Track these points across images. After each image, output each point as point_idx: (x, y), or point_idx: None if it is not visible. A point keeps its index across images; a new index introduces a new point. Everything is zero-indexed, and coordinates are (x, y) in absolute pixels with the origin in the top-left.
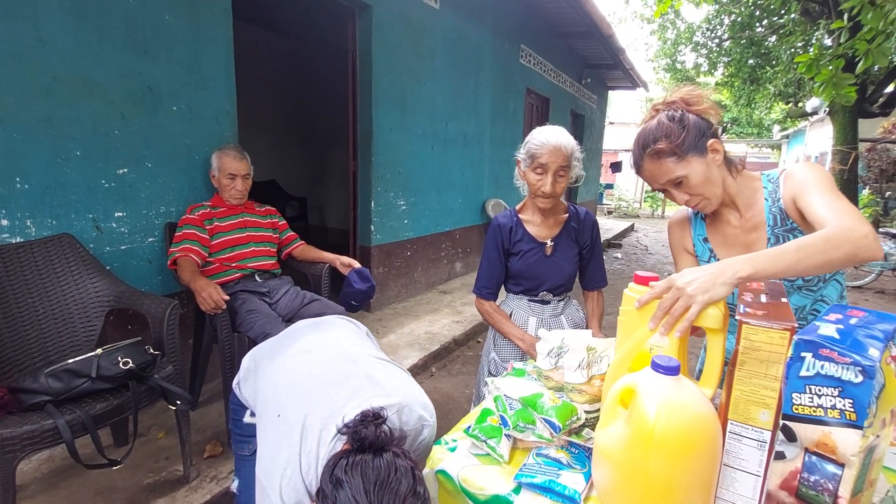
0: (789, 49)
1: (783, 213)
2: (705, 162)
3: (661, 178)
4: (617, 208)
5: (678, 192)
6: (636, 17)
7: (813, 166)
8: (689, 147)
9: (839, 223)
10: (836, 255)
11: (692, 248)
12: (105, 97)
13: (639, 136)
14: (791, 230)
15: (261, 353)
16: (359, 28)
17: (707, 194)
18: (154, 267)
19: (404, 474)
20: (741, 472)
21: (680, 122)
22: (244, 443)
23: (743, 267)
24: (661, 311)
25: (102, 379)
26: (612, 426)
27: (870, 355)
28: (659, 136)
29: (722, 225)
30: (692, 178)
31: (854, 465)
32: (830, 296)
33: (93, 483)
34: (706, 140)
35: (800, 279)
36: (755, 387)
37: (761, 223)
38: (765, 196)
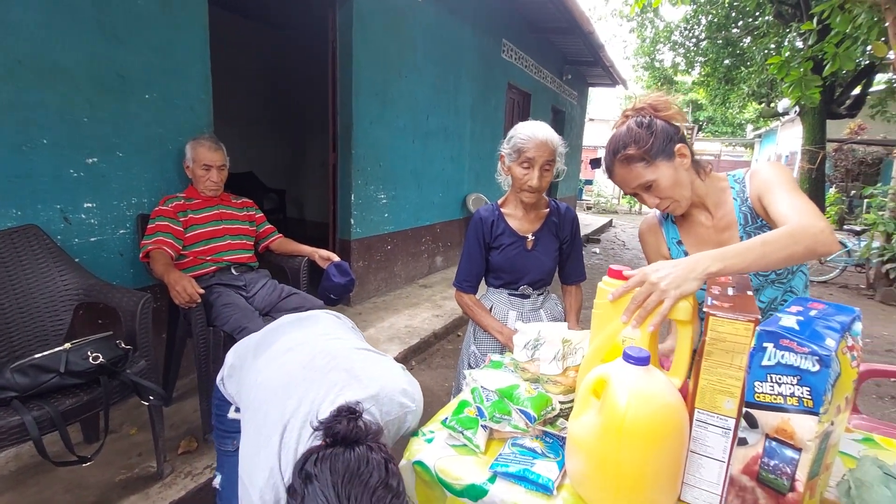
0: (763, 50)
1: (752, 212)
2: (673, 166)
3: (631, 182)
4: (596, 204)
5: (649, 195)
6: (615, 14)
7: (775, 165)
8: (657, 152)
9: (799, 220)
10: (798, 249)
11: (668, 253)
12: (73, 83)
13: (609, 143)
14: (761, 227)
15: (245, 350)
16: (339, 18)
17: (676, 197)
18: (125, 259)
19: (376, 467)
20: (707, 458)
21: (648, 128)
22: (228, 438)
23: (713, 262)
24: (634, 305)
25: (72, 374)
26: (584, 416)
27: (826, 345)
28: (628, 143)
29: (694, 226)
30: (661, 181)
31: (811, 449)
32: (797, 286)
33: (62, 480)
34: (674, 145)
35: (773, 273)
36: (721, 376)
37: (733, 222)
38: (733, 196)
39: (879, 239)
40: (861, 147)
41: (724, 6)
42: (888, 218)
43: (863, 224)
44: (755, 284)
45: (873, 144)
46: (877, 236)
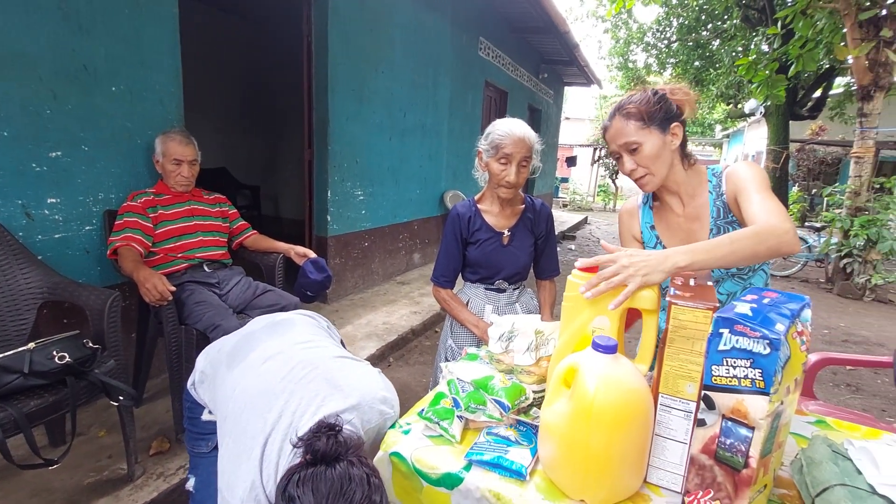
0: (731, 52)
1: (726, 207)
2: (663, 140)
3: (620, 137)
4: (571, 201)
5: (630, 158)
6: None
7: (752, 166)
8: (655, 119)
9: (767, 220)
10: (762, 248)
11: (640, 236)
12: (35, 74)
13: (620, 101)
14: (731, 223)
15: (217, 356)
16: (315, 12)
17: (653, 170)
18: (92, 257)
19: (359, 483)
20: (671, 440)
21: (659, 98)
22: (202, 440)
23: (682, 258)
24: (598, 279)
25: (36, 375)
26: (556, 403)
27: (776, 329)
28: (635, 101)
29: (667, 213)
30: (646, 148)
31: (762, 427)
32: (757, 284)
33: (28, 484)
34: (671, 122)
35: (734, 268)
36: (683, 362)
37: (704, 214)
38: (710, 189)
39: (837, 235)
40: (821, 147)
41: (694, 9)
42: (845, 215)
43: (822, 221)
44: (716, 276)
45: (832, 145)
46: (835, 233)
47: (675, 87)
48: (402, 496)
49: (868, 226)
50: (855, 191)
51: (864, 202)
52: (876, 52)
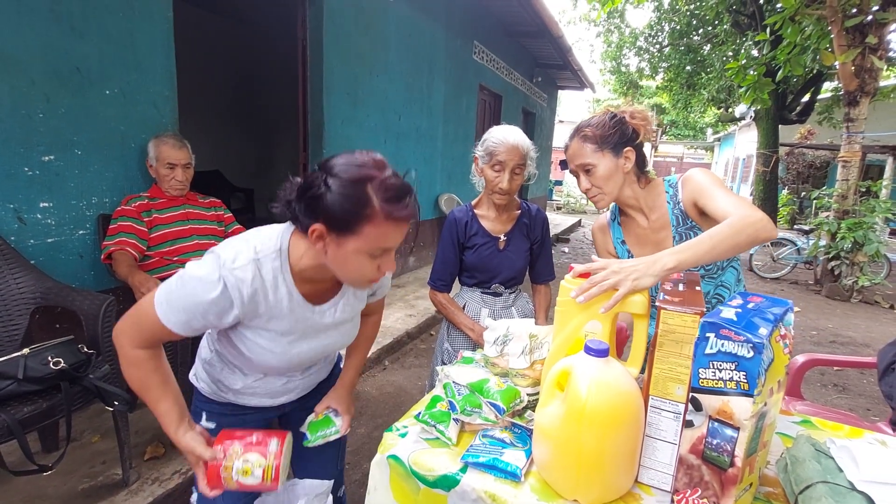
0: (722, 57)
1: (684, 214)
2: (616, 162)
3: (577, 158)
4: (566, 204)
5: (585, 178)
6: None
7: (704, 171)
8: (609, 143)
9: (738, 213)
10: (741, 238)
11: (614, 251)
12: (26, 76)
13: (580, 122)
14: (691, 228)
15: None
16: (309, 15)
17: (605, 189)
18: (86, 261)
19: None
20: (660, 441)
21: (615, 122)
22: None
23: (669, 260)
24: (589, 283)
25: (30, 380)
26: (550, 406)
27: (759, 334)
28: (591, 124)
29: (633, 227)
30: (599, 169)
31: (747, 428)
32: (729, 280)
33: (21, 491)
34: (625, 146)
35: (702, 269)
36: (672, 365)
37: (667, 223)
38: (667, 199)
39: (825, 238)
40: (810, 151)
41: (686, 14)
42: (832, 219)
43: (811, 224)
44: None
45: (821, 149)
46: (823, 236)
47: (635, 110)
48: (400, 498)
49: (855, 228)
50: (842, 194)
51: (851, 205)
52: (862, 58)
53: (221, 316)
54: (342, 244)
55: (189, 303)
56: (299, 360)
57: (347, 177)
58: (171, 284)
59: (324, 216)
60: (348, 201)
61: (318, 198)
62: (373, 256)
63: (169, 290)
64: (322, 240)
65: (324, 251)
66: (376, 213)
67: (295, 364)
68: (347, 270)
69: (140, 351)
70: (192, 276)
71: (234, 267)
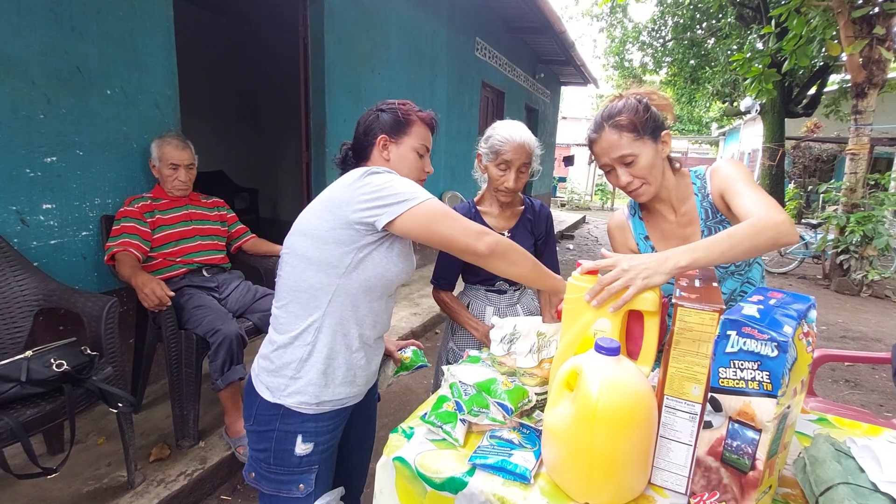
0: (726, 51)
1: (713, 207)
2: (656, 149)
3: (614, 151)
4: (569, 201)
5: (623, 171)
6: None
7: (734, 163)
8: (647, 129)
9: (762, 213)
10: (761, 240)
11: (636, 247)
12: (26, 77)
13: (603, 109)
14: (721, 222)
15: None
16: (310, 14)
17: (650, 179)
18: (89, 263)
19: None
20: (675, 442)
21: (646, 106)
22: (291, 482)
23: (682, 258)
24: (600, 286)
25: (33, 383)
26: (559, 406)
27: (784, 332)
28: (625, 111)
29: (659, 221)
30: (642, 159)
31: (770, 430)
32: (754, 277)
33: (25, 494)
34: (661, 131)
35: (732, 265)
36: (688, 364)
37: (695, 217)
38: (695, 191)
39: (834, 232)
40: (817, 144)
41: (689, 8)
42: (841, 212)
43: (819, 218)
44: (717, 275)
45: (828, 142)
46: (831, 230)
47: (650, 92)
48: (407, 501)
49: (864, 222)
50: (850, 187)
51: (860, 199)
52: (869, 49)
53: None
54: (401, 144)
55: (413, 184)
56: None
57: (390, 105)
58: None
59: (383, 129)
60: (399, 113)
61: (375, 120)
62: (419, 155)
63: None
64: (386, 147)
65: (388, 158)
66: (417, 119)
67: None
68: (408, 165)
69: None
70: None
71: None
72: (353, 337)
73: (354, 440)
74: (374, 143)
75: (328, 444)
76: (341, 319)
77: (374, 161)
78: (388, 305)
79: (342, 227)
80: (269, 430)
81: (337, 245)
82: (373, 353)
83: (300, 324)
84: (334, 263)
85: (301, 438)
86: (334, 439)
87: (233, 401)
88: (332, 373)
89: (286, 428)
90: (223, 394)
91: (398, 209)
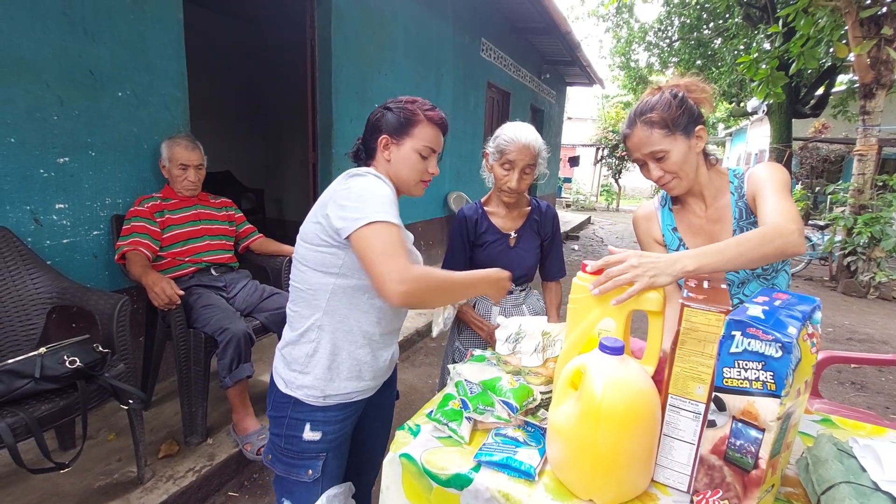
0: (733, 51)
1: (748, 208)
2: (689, 144)
3: (645, 147)
4: (575, 202)
5: (656, 166)
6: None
7: (772, 166)
8: (679, 125)
9: (774, 221)
10: (769, 248)
11: (661, 239)
12: (41, 79)
13: (637, 105)
14: (753, 224)
15: None
16: (318, 15)
17: (681, 174)
18: (100, 262)
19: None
20: (678, 441)
21: (680, 101)
22: (301, 466)
23: (690, 262)
24: (605, 277)
25: (47, 379)
26: (564, 404)
27: (788, 333)
28: (656, 107)
29: (688, 215)
30: (673, 155)
31: (773, 429)
32: (780, 284)
33: (38, 489)
34: (695, 126)
35: (759, 269)
36: (693, 364)
37: (727, 216)
38: (731, 190)
39: (841, 233)
40: (825, 145)
41: (696, 8)
42: (848, 214)
43: (826, 219)
44: (741, 277)
45: (835, 143)
46: (839, 231)
47: (689, 83)
48: (413, 497)
49: (871, 223)
50: (858, 188)
51: (868, 200)
52: (877, 49)
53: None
54: (402, 145)
55: (385, 194)
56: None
57: (398, 103)
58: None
59: (386, 129)
60: (402, 113)
61: (380, 119)
62: (422, 157)
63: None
64: (388, 148)
65: (388, 159)
66: (421, 119)
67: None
68: (408, 168)
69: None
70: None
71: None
72: (356, 333)
73: (368, 433)
74: (377, 142)
75: (337, 435)
76: (341, 317)
77: (377, 160)
78: None
79: (329, 229)
80: (283, 417)
81: (326, 246)
82: (379, 349)
83: (305, 322)
84: (327, 264)
85: (309, 426)
86: (343, 430)
87: (240, 398)
88: (336, 368)
89: (296, 416)
90: (231, 391)
91: (355, 224)
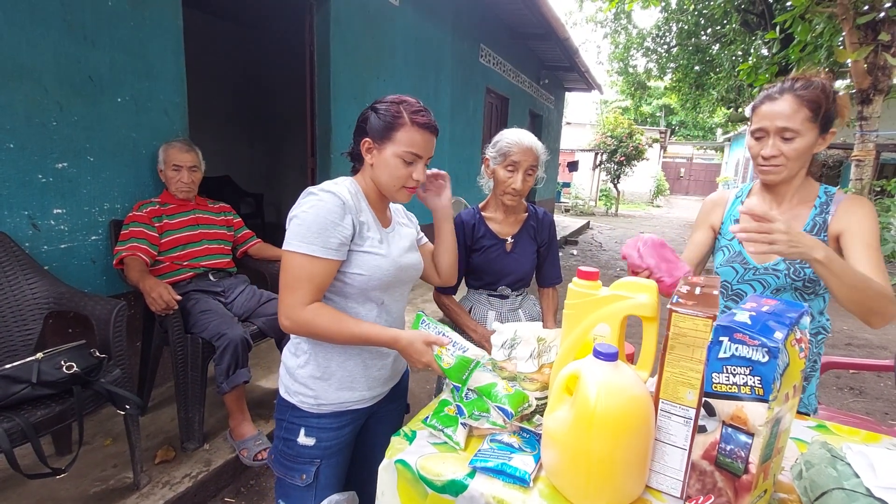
0: (731, 57)
1: (825, 226)
2: (815, 141)
3: (782, 119)
4: (573, 206)
5: (777, 142)
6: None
7: (873, 212)
8: (823, 117)
9: (885, 283)
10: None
11: (718, 226)
12: (40, 85)
13: (794, 78)
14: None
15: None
16: (317, 21)
17: (791, 164)
18: (98, 267)
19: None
20: (670, 446)
21: (834, 97)
22: (295, 470)
23: (821, 253)
24: (757, 229)
25: (44, 384)
26: (558, 410)
27: (775, 338)
28: (817, 87)
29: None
30: (801, 142)
31: (762, 434)
32: (816, 308)
33: (33, 494)
34: (830, 126)
35: (800, 282)
36: (683, 369)
37: (799, 224)
38: (816, 205)
39: None
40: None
41: (694, 14)
42: None
43: None
44: (780, 284)
45: (833, 148)
46: None
47: (840, 94)
48: (408, 503)
49: None
50: (856, 193)
51: None
52: (874, 55)
53: (343, 221)
54: (383, 150)
55: (319, 221)
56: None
57: (384, 103)
58: (296, 226)
59: (370, 131)
60: (386, 115)
61: (366, 120)
62: (406, 162)
63: (296, 230)
64: (370, 152)
65: (371, 163)
66: (405, 122)
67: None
68: (388, 174)
69: (314, 305)
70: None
71: (327, 187)
72: (344, 346)
73: (376, 443)
74: (361, 145)
75: (332, 443)
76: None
77: (365, 164)
78: (387, 309)
79: None
80: (282, 420)
81: None
82: (370, 359)
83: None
84: None
85: (304, 432)
86: (339, 438)
87: (237, 404)
88: (328, 378)
89: (293, 420)
90: (228, 397)
91: (284, 246)
